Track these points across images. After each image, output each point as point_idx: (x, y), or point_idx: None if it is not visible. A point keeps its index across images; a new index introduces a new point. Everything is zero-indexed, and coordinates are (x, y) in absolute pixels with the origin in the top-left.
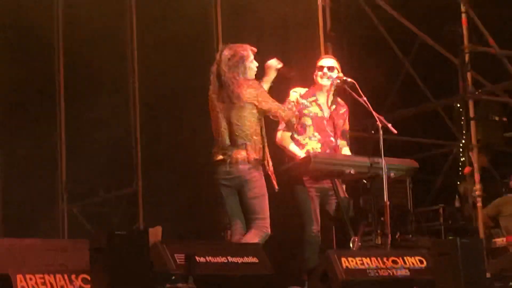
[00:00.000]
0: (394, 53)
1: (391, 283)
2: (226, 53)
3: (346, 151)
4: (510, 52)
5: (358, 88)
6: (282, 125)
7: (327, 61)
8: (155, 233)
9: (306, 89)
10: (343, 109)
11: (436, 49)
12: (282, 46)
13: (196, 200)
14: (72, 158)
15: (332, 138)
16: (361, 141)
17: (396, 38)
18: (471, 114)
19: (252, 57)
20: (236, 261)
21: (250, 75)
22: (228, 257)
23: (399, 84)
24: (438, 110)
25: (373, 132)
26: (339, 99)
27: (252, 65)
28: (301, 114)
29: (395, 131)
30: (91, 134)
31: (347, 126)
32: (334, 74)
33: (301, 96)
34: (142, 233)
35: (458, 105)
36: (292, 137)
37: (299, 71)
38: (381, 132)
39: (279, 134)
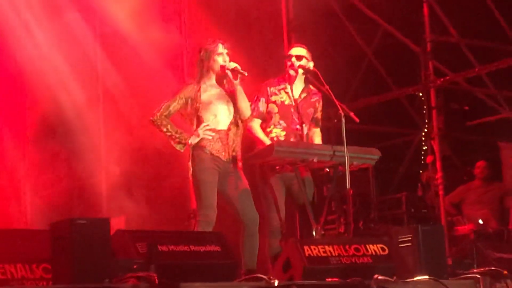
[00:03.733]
0: (356, 43)
1: (353, 270)
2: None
3: (318, 139)
4: (471, 41)
5: (321, 77)
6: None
7: (296, 50)
8: (118, 223)
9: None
10: (315, 98)
11: (398, 38)
12: (245, 36)
13: (160, 189)
14: (37, 146)
15: (298, 126)
16: (324, 129)
17: (359, 27)
18: (433, 103)
19: (219, 50)
20: (199, 250)
21: (216, 70)
22: (191, 246)
23: (361, 73)
24: (400, 99)
25: (335, 120)
26: (311, 87)
27: (219, 58)
28: (268, 101)
29: (357, 120)
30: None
31: (319, 114)
32: (303, 62)
33: (270, 85)
34: (103, 221)
35: (420, 94)
36: (261, 125)
37: (263, 61)
38: (343, 120)
39: (252, 122)
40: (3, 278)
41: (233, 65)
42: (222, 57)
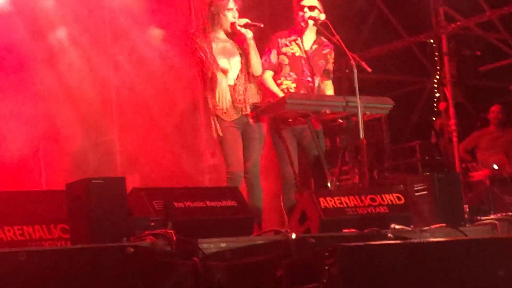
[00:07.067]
0: None
1: (369, 220)
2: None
3: (330, 91)
4: None
5: (331, 27)
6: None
7: (308, 1)
8: (132, 181)
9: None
10: (327, 49)
11: None
12: None
13: (174, 146)
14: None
15: (309, 78)
16: (336, 80)
17: None
18: (445, 49)
19: (229, 5)
20: (215, 205)
21: (225, 26)
22: (207, 202)
23: (371, 22)
24: (411, 47)
25: (347, 71)
26: (323, 39)
27: (229, 14)
28: (279, 53)
29: (370, 69)
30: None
31: (330, 66)
32: (315, 13)
33: (281, 36)
34: (119, 180)
35: (431, 41)
36: (272, 77)
37: (272, 12)
38: (355, 70)
39: (264, 74)
40: (22, 239)
41: (243, 21)
42: (232, 13)
